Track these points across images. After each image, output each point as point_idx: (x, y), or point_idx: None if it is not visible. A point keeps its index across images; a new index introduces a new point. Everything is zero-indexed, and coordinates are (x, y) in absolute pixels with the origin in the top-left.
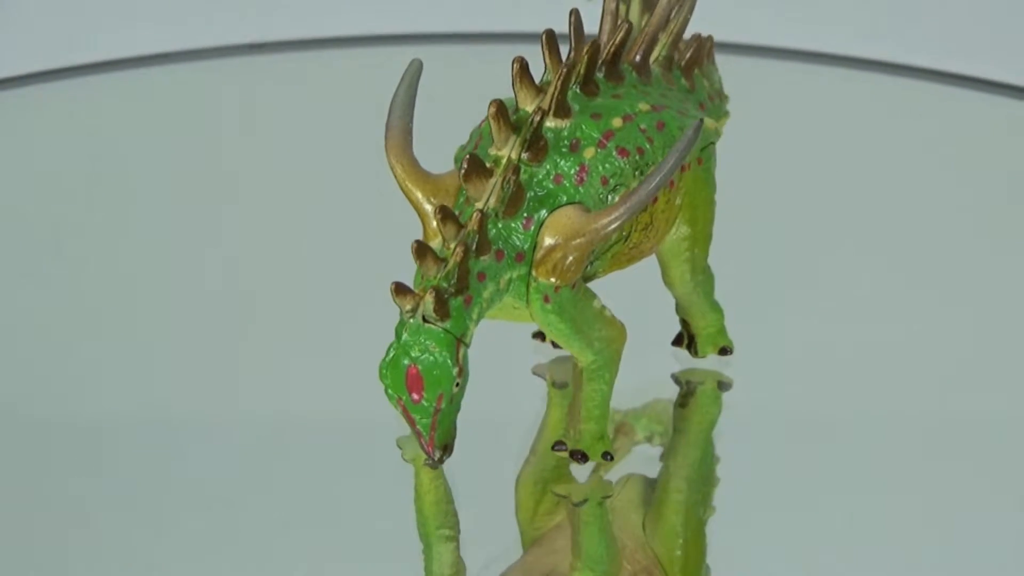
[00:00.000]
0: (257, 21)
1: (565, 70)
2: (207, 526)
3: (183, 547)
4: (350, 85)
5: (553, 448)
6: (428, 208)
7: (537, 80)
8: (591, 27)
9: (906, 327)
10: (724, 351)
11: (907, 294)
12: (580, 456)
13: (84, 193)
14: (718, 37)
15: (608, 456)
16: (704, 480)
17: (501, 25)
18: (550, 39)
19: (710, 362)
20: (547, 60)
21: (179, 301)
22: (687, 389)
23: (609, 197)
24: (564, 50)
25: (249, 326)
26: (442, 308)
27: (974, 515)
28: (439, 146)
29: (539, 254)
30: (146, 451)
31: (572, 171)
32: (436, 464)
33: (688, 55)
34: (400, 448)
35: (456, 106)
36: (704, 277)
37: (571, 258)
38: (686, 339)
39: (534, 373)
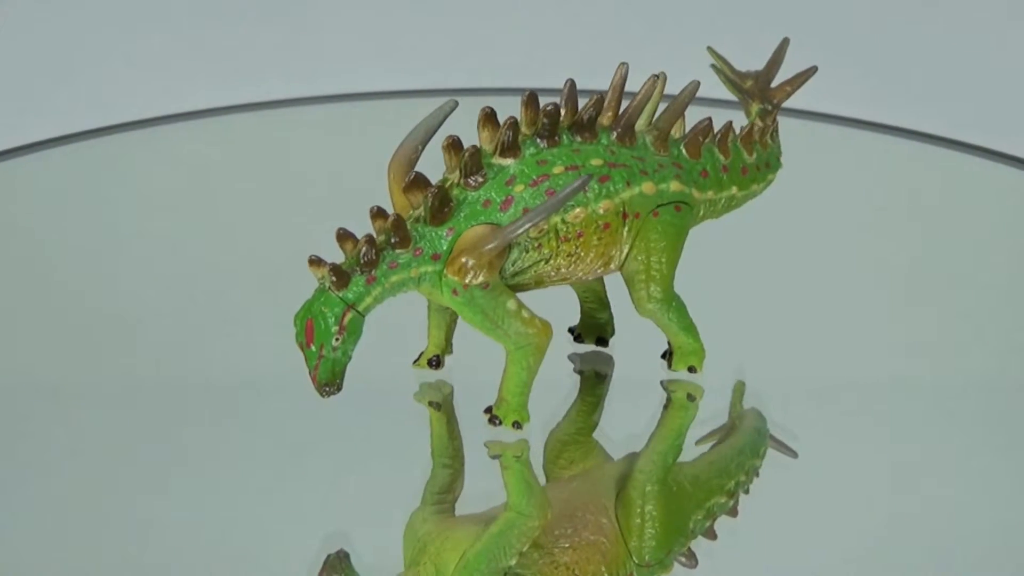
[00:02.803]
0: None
1: (511, 120)
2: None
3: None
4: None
5: (484, 411)
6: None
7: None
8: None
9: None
10: (691, 369)
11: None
12: (498, 420)
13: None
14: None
15: (517, 425)
16: (667, 468)
17: (528, 82)
18: (530, 99)
19: (687, 375)
20: (523, 114)
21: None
22: (667, 395)
23: None
24: None
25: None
26: (339, 280)
27: (952, 525)
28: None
29: (452, 257)
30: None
31: (499, 199)
32: (321, 395)
33: (697, 130)
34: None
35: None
36: (663, 306)
37: (472, 263)
38: (669, 354)
39: (569, 360)
